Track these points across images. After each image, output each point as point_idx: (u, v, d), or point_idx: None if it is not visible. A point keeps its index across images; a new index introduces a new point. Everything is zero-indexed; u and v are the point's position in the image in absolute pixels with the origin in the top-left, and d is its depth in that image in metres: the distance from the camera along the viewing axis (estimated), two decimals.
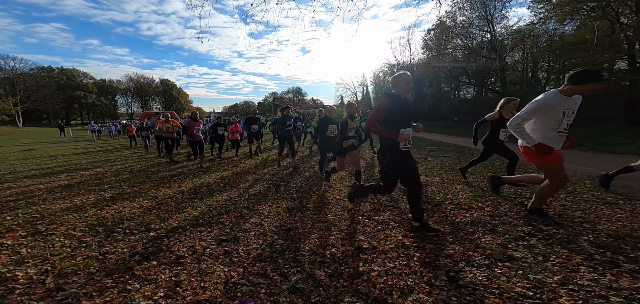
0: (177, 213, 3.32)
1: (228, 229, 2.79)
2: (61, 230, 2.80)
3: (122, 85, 59.87)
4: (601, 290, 1.67)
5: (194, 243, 2.49)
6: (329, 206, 3.43)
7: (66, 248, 2.41)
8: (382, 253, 2.21)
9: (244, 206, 3.53)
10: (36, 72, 48.09)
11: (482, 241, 2.34)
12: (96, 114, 55.42)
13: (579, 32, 15.72)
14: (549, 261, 1.99)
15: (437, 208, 3.21)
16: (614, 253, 2.07)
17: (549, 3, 16.63)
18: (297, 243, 2.44)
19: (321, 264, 2.10)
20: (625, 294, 1.61)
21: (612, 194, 3.46)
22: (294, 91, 73.61)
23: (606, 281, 1.75)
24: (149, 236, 2.65)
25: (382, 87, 37.13)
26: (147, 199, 3.92)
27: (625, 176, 3.71)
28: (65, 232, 2.75)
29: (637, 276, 1.78)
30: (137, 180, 5.22)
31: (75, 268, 2.10)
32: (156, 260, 2.20)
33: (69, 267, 2.11)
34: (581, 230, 2.49)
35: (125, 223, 2.99)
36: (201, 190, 4.36)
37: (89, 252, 2.34)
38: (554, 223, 2.62)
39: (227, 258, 2.22)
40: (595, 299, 1.60)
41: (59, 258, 2.26)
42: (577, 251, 2.12)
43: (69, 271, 2.05)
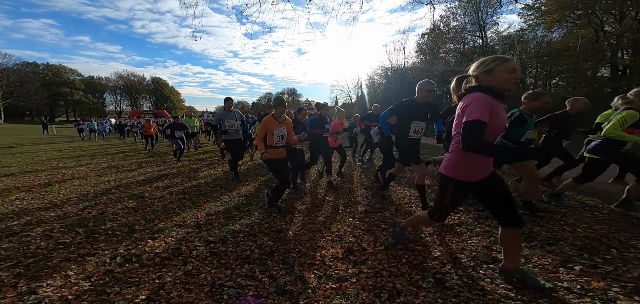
0: (163, 214, 3.22)
1: (217, 230, 2.73)
2: (38, 231, 2.67)
3: (112, 83, 58.27)
4: (579, 291, 1.71)
5: (181, 244, 2.42)
6: (321, 208, 3.40)
7: (42, 250, 2.29)
8: (371, 255, 2.20)
9: (234, 207, 3.46)
10: (20, 67, 46.38)
11: (469, 243, 2.37)
12: (82, 111, 53.70)
13: (565, 40, 16.29)
14: (530, 263, 2.05)
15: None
16: (591, 255, 2.13)
17: (538, 10, 17.16)
18: (287, 245, 2.40)
19: (311, 266, 2.07)
20: (600, 295, 1.66)
21: (591, 198, 3.56)
22: (289, 92, 73.31)
23: (583, 282, 1.80)
24: (133, 238, 2.55)
25: (376, 89, 37.39)
26: (132, 199, 3.79)
27: (604, 180, 3.78)
28: (43, 233, 2.62)
29: (611, 277, 1.85)
30: (122, 179, 5.06)
31: (51, 270, 1.99)
32: (139, 262, 2.11)
33: (44, 270, 2.00)
34: (562, 232, 2.57)
35: (108, 224, 2.87)
36: (190, 191, 4.26)
37: (66, 254, 2.23)
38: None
39: (215, 260, 2.16)
40: (573, 300, 1.63)
41: (33, 260, 2.14)
42: (557, 254, 2.18)
43: (43, 274, 1.95)
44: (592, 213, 3.07)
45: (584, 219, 2.90)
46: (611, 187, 4.00)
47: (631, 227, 2.66)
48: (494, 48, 21.81)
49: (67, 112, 55.41)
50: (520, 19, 19.36)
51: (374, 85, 38.56)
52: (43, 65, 51.52)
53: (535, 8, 17.13)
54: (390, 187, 4.31)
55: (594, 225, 2.73)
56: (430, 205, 2.01)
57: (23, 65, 47.68)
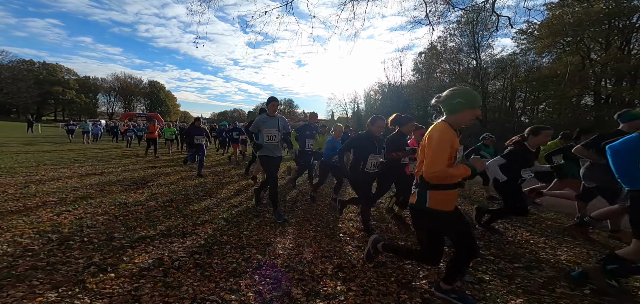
0: (147, 222, 3.06)
1: (203, 241, 2.59)
2: (6, 237, 2.47)
3: (107, 84, 57.52)
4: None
5: (163, 254, 2.27)
6: (312, 222, 3.31)
7: (7, 257, 2.11)
8: (361, 272, 2.14)
9: (222, 217, 3.33)
10: (15, 64, 45.54)
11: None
12: (72, 111, 52.53)
13: (554, 66, 17.03)
14: (513, 284, 2.06)
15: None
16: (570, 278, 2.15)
17: (531, 35, 17.99)
18: (276, 259, 2.30)
19: (299, 281, 1.98)
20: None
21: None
22: (286, 103, 73.77)
23: (566, 300, 1.85)
24: (111, 246, 2.39)
25: (372, 105, 38.00)
26: (114, 205, 3.61)
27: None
28: (11, 239, 2.43)
29: (590, 300, 1.87)
30: (105, 184, 4.85)
31: (14, 279, 1.82)
32: (115, 272, 1.96)
33: (5, 278, 1.83)
34: (544, 254, 2.61)
35: (85, 231, 2.70)
36: (177, 198, 4.10)
37: (34, 262, 2.06)
38: None
39: (198, 272, 2.03)
40: None
41: None
42: (539, 275, 2.21)
43: (4, 283, 1.78)
44: (572, 236, 3.11)
45: (565, 242, 2.90)
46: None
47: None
48: (487, 70, 22.62)
49: (56, 111, 54.09)
50: (514, 43, 20.25)
51: (370, 101, 39.26)
52: (39, 64, 50.70)
53: (528, 33, 17.97)
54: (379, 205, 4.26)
55: (573, 248, 2.72)
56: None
57: (18, 63, 46.85)
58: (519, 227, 3.42)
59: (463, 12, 9.02)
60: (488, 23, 13.31)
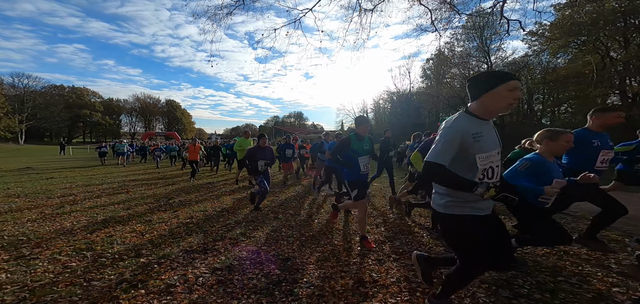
0: (170, 238, 3.19)
1: (223, 257, 2.67)
2: (46, 254, 2.67)
3: (129, 105, 61.17)
4: None
5: (187, 271, 2.36)
6: (329, 236, 3.30)
7: (49, 274, 2.28)
8: (383, 287, 2.10)
9: (240, 232, 3.41)
10: (47, 90, 49.39)
11: (488, 276, 2.21)
12: (99, 133, 56.00)
13: (571, 66, 16.35)
14: (557, 299, 1.90)
15: (441, 240, 3.10)
16: (623, 291, 1.95)
17: (542, 36, 17.46)
18: (295, 274, 2.32)
19: (320, 298, 1.98)
20: None
21: (617, 231, 3.35)
22: (296, 115, 75.07)
23: None
24: (139, 263, 2.52)
25: (381, 113, 37.83)
26: (140, 223, 3.80)
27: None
28: (51, 256, 2.62)
29: None
30: (132, 203, 5.11)
31: (56, 295, 1.96)
32: (145, 289, 2.07)
33: (49, 294, 1.97)
34: (589, 267, 2.38)
35: (115, 248, 2.86)
36: (197, 215, 4.25)
37: (72, 279, 2.20)
38: None
39: (221, 289, 2.09)
40: None
41: (39, 284, 2.13)
42: (586, 290, 2.00)
43: (48, 298, 1.92)
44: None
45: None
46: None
47: None
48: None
49: (85, 134, 57.82)
50: (525, 44, 19.70)
51: (379, 110, 39.09)
52: (69, 88, 54.87)
53: (539, 34, 17.47)
54: (396, 216, 4.19)
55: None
56: None
57: (50, 88, 50.82)
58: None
59: (469, 17, 8.99)
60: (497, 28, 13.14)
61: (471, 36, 22.23)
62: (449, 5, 6.66)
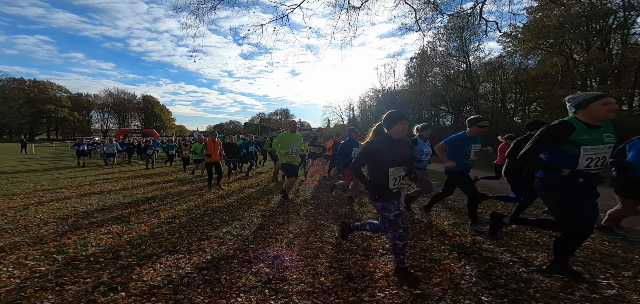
0: (151, 239, 3.05)
1: (209, 256, 2.59)
2: (10, 259, 2.44)
3: (100, 100, 57.16)
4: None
5: (170, 271, 2.27)
6: (318, 233, 3.31)
7: (14, 280, 2.09)
8: (372, 282, 2.14)
9: (227, 231, 3.33)
10: (5, 83, 45.08)
11: (469, 268, 2.34)
12: (66, 130, 51.94)
13: (540, 67, 17.52)
14: (531, 288, 2.02)
15: (424, 235, 3.21)
16: (587, 277, 2.14)
17: (515, 38, 18.52)
18: (284, 272, 2.30)
19: (309, 294, 1.98)
20: None
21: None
22: (282, 112, 74.01)
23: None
24: (118, 265, 2.38)
25: (368, 111, 38.33)
26: (117, 224, 3.59)
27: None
28: (15, 261, 2.40)
29: (614, 302, 1.85)
30: (106, 204, 4.81)
31: (25, 301, 1.81)
32: (125, 291, 1.96)
33: (16, 300, 1.81)
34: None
35: (90, 250, 2.68)
36: (180, 215, 4.08)
37: (43, 283, 2.04)
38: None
39: (208, 288, 2.03)
40: None
41: (4, 290, 1.94)
42: (556, 278, 2.16)
43: None
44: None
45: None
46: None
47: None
48: (476, 73, 23.13)
49: (49, 130, 53.38)
50: (500, 46, 20.80)
51: (365, 107, 39.61)
52: (29, 81, 50.23)
53: (513, 36, 18.52)
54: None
55: (585, 247, 2.77)
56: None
57: (8, 81, 46.38)
58: (526, 228, 3.39)
59: (451, 17, 9.32)
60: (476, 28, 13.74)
61: (452, 36, 23.12)
62: (432, 5, 6.89)
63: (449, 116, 28.34)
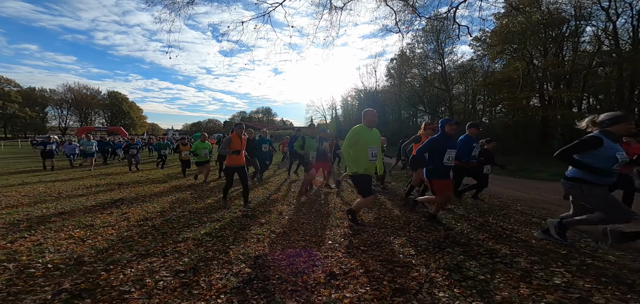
0: (120, 243, 2.83)
1: (186, 258, 2.47)
2: None
3: (57, 96, 51.80)
4: (537, 300, 1.87)
5: (143, 275, 2.13)
6: (300, 232, 3.29)
7: None
8: (353, 278, 2.16)
9: (205, 232, 3.19)
10: None
11: (442, 262, 2.44)
12: (16, 127, 46.47)
13: (505, 71, 18.91)
14: (495, 279, 2.16)
15: (402, 231, 3.33)
16: (544, 266, 2.35)
17: (484, 42, 19.80)
18: (267, 271, 2.26)
19: (293, 292, 1.97)
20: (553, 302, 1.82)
21: (537, 216, 4.00)
22: (264, 111, 72.50)
23: (541, 294, 1.97)
24: (81, 271, 2.18)
25: (350, 110, 38.80)
26: (79, 228, 3.28)
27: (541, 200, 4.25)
28: None
29: (563, 289, 2.04)
30: (66, 207, 4.38)
31: None
32: (91, 298, 1.81)
33: None
34: (517, 248, 2.77)
35: (47, 257, 2.43)
36: (152, 217, 3.84)
37: None
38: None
39: (186, 291, 1.93)
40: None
41: None
42: (517, 268, 2.33)
43: None
44: (537, 229, 3.45)
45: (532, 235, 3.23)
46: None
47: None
48: (450, 75, 24.40)
49: None
50: (471, 49, 22.11)
51: (347, 107, 40.07)
52: None
53: (482, 40, 19.79)
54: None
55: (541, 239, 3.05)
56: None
57: None
58: (494, 223, 3.65)
59: (428, 20, 9.76)
60: (451, 32, 14.56)
61: (429, 39, 24.16)
62: (411, 7, 7.14)
63: (426, 116, 29.61)
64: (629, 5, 13.80)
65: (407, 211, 4.10)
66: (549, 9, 15.85)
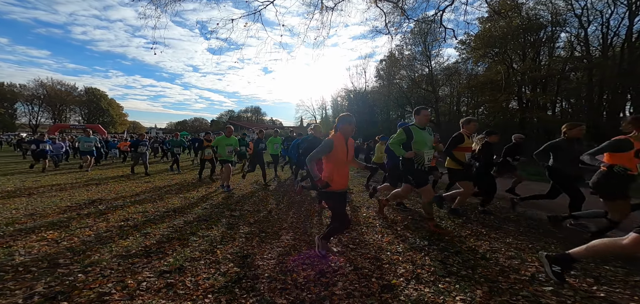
0: (98, 244, 2.69)
1: (171, 259, 2.38)
2: None
3: (28, 91, 48.37)
4: (514, 293, 1.96)
5: (124, 277, 2.03)
6: (290, 231, 3.26)
7: None
8: (342, 276, 2.17)
9: (191, 232, 3.09)
10: None
11: (427, 259, 2.50)
12: None
13: (488, 74, 19.69)
14: (476, 274, 2.23)
15: (390, 229, 3.37)
16: (520, 262, 2.45)
17: (469, 46, 20.50)
18: (256, 270, 2.23)
19: (282, 290, 1.95)
20: (532, 297, 1.90)
21: (514, 213, 4.16)
22: (253, 110, 71.05)
23: (522, 286, 2.06)
24: (56, 273, 2.05)
25: (340, 111, 38.86)
26: (53, 230, 3.08)
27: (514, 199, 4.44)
28: None
29: (539, 282, 2.12)
30: (37, 207, 4.11)
31: None
32: (67, 300, 1.71)
33: None
34: (497, 245, 2.87)
35: (17, 259, 2.27)
36: (134, 217, 3.67)
37: None
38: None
39: (171, 291, 1.87)
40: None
41: None
42: (495, 264, 2.42)
43: None
44: (514, 225, 3.60)
45: (510, 231, 3.37)
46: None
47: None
48: (437, 77, 25.07)
49: None
50: (457, 52, 22.82)
51: (337, 107, 40.07)
52: None
53: (466, 44, 20.51)
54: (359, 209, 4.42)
55: (516, 235, 3.19)
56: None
57: None
58: (474, 220, 3.78)
59: (416, 23, 9.97)
60: (437, 35, 14.96)
61: (417, 41, 24.64)
62: (400, 9, 7.27)
63: (413, 117, 30.19)
64: (600, 13, 14.75)
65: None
66: (528, 14, 16.65)
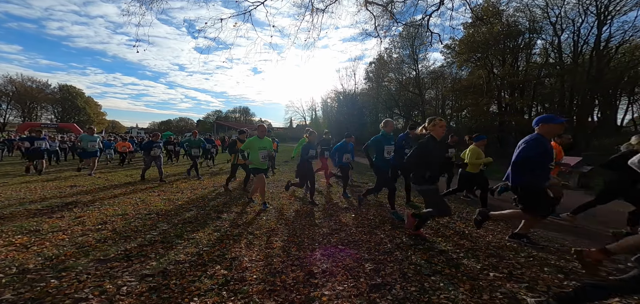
0: (73, 248, 2.53)
1: (154, 262, 2.28)
2: None
3: None
4: (493, 290, 2.03)
5: (103, 282, 1.92)
6: (278, 233, 3.22)
7: None
8: (331, 276, 2.17)
9: (175, 235, 2.98)
10: None
11: (414, 258, 2.55)
12: None
13: (470, 78, 20.46)
14: (459, 272, 2.30)
15: (378, 230, 3.41)
16: (499, 260, 2.55)
17: (453, 50, 21.24)
18: (243, 273, 2.18)
19: (271, 292, 1.92)
20: (510, 293, 1.99)
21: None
22: (241, 111, 69.58)
23: (500, 283, 2.14)
24: (26, 280, 1.91)
25: (329, 112, 38.88)
26: (21, 234, 2.87)
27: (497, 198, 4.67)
28: None
29: (516, 279, 2.21)
30: (3, 210, 3.81)
31: None
32: None
33: None
34: (478, 243, 2.97)
35: None
36: (113, 220, 3.49)
37: None
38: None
39: (154, 295, 1.79)
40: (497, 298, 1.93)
41: None
42: (476, 262, 2.50)
43: None
44: (495, 225, 3.72)
45: (490, 230, 3.51)
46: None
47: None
48: (423, 80, 25.76)
49: None
50: (442, 56, 23.58)
51: (327, 108, 40.13)
52: None
53: (451, 48, 21.24)
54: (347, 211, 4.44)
55: (497, 234, 3.32)
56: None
57: None
58: (457, 219, 3.89)
59: (404, 26, 10.17)
60: (424, 39, 15.37)
61: (405, 44, 25.25)
62: (389, 13, 7.40)
63: (401, 119, 30.86)
64: (572, 21, 15.77)
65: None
66: (508, 21, 17.50)
